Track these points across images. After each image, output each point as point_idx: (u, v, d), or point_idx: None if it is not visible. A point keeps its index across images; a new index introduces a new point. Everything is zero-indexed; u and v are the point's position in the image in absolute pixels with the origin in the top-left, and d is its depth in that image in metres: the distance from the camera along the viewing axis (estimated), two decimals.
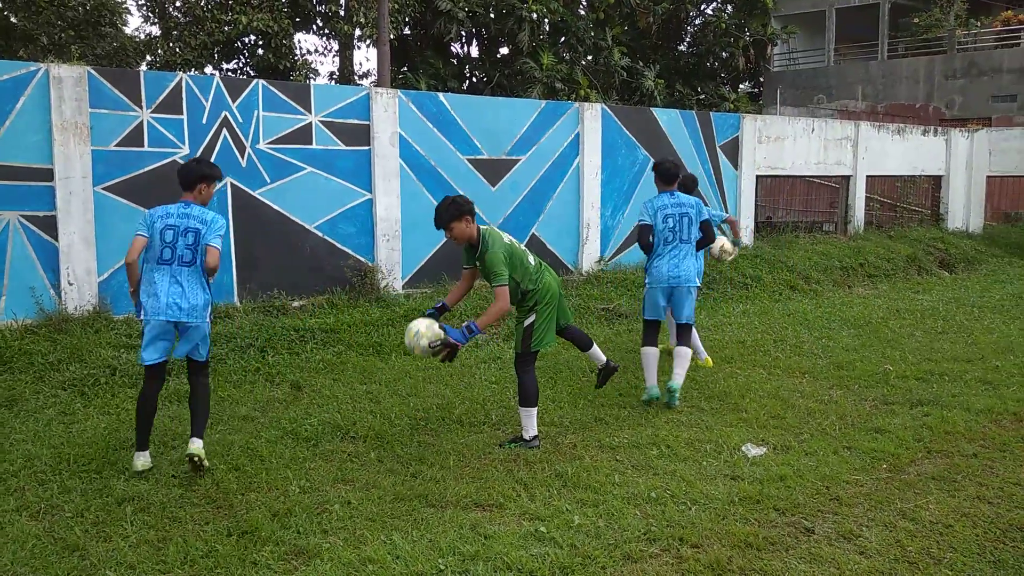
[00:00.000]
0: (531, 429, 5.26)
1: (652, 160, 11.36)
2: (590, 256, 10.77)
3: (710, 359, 7.39)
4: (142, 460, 4.78)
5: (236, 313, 7.88)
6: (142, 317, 4.75)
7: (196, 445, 4.71)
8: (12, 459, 4.93)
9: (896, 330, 8.92)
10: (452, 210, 4.97)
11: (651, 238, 6.25)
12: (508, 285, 5.01)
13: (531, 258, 5.31)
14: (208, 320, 4.91)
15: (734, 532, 4.01)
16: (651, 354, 6.25)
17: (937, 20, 23.98)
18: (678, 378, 6.14)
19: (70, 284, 7.29)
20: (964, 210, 16.35)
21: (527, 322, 5.28)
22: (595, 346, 5.76)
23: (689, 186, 7.19)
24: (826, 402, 6.22)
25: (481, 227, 5.12)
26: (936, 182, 16.20)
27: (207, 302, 4.90)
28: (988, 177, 16.60)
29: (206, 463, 4.72)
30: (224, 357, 7.05)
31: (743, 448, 5.20)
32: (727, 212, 12.46)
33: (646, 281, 6.40)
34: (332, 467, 4.89)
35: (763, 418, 5.82)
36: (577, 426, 5.67)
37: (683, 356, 6.22)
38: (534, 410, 5.27)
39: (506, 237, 5.24)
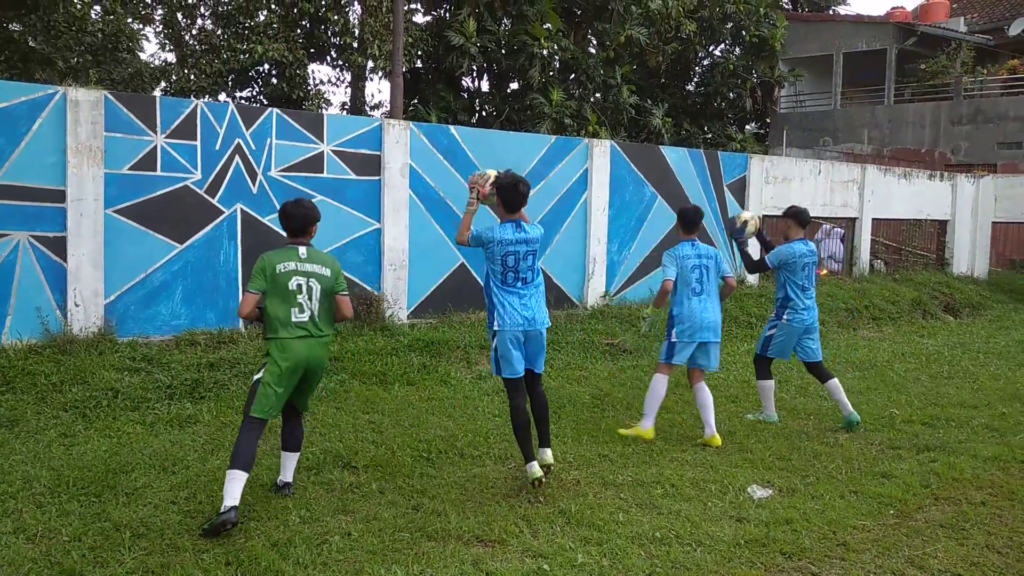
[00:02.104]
0: (229, 496, 4.31)
1: (659, 196, 11.45)
2: (595, 291, 10.77)
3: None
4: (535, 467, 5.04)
5: (241, 338, 7.87)
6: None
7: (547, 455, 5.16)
8: (11, 480, 4.90)
9: (902, 374, 8.88)
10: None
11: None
12: (254, 293, 4.55)
13: (297, 296, 4.57)
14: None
15: None
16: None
17: (944, 67, 24.19)
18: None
19: (76, 305, 7.29)
20: (969, 255, 16.36)
21: (255, 376, 4.64)
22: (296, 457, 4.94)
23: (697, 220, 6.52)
24: (832, 445, 6.17)
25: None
26: (941, 227, 16.24)
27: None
28: (993, 223, 16.63)
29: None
30: (227, 383, 7.03)
31: (748, 489, 5.15)
32: (732, 251, 12.49)
33: (786, 319, 6.74)
34: (333, 497, 4.85)
35: (768, 459, 5.77)
36: (581, 462, 5.63)
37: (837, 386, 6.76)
38: (236, 474, 4.35)
39: (278, 258, 4.62)
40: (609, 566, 4.03)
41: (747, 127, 26.44)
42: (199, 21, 19.34)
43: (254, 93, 18.97)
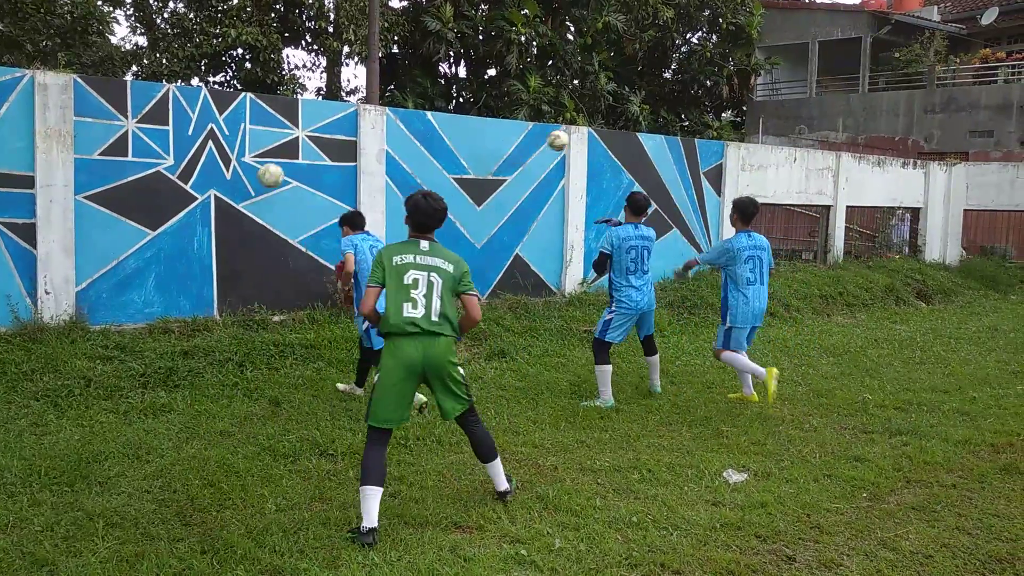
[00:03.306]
0: (366, 516, 4.12)
1: (636, 183, 11.48)
2: (573, 278, 10.79)
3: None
4: None
5: (215, 326, 7.80)
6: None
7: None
8: None
9: (875, 359, 8.99)
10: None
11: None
12: (373, 287, 4.38)
13: (412, 291, 4.29)
14: None
15: (715, 559, 3.99)
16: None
17: (917, 56, 24.41)
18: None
19: (47, 293, 7.18)
20: (941, 242, 16.58)
21: (374, 379, 4.45)
22: (499, 463, 4.66)
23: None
24: (806, 429, 6.24)
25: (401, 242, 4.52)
26: (914, 214, 16.43)
27: None
28: (965, 211, 16.86)
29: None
30: (202, 371, 6.96)
31: (724, 474, 5.19)
32: (708, 238, 12.56)
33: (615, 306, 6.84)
34: (310, 485, 4.82)
35: (744, 444, 5.82)
36: (558, 448, 5.64)
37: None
38: (368, 490, 4.15)
39: (396, 250, 4.41)
40: (586, 550, 4.05)
41: (724, 115, 26.55)
42: (171, 4, 19.01)
43: (227, 78, 18.70)
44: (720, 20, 22.68)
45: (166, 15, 18.86)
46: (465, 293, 4.43)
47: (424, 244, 4.41)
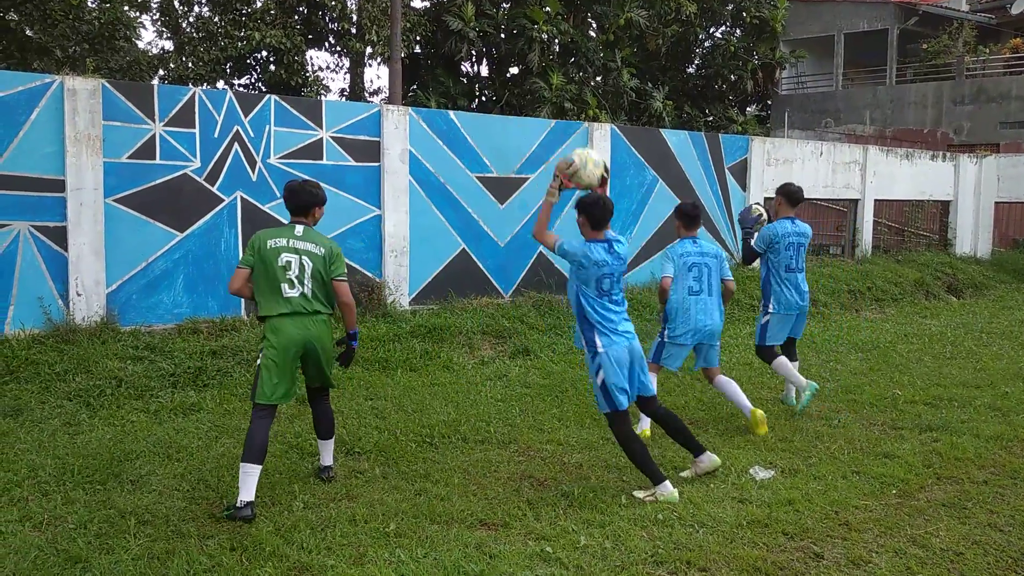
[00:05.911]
0: (244, 490, 4.27)
1: (660, 179, 11.42)
2: None
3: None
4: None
5: (243, 326, 7.88)
6: None
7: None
8: (16, 469, 4.92)
9: (904, 354, 8.87)
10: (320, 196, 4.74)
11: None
12: (243, 268, 4.56)
13: (288, 273, 4.49)
14: None
15: (742, 556, 3.96)
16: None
17: (946, 46, 24.07)
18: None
19: (78, 295, 7.30)
20: (972, 235, 16.31)
21: (257, 362, 4.61)
22: (331, 443, 4.96)
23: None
24: (834, 425, 6.18)
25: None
26: (944, 207, 16.18)
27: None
28: (996, 203, 16.57)
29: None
30: (230, 370, 7.04)
31: (751, 471, 5.15)
32: (734, 234, 12.48)
33: (772, 308, 6.54)
34: (336, 483, 4.86)
35: (771, 441, 5.78)
36: (583, 446, 5.64)
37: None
38: (251, 468, 4.31)
39: (271, 234, 4.58)
40: (612, 548, 4.04)
41: (748, 109, 26.37)
42: (196, 8, 19.27)
43: (252, 80, 18.92)
44: (744, 14, 22.52)
45: (191, 19, 19.11)
46: (335, 278, 4.61)
47: (299, 229, 4.61)
